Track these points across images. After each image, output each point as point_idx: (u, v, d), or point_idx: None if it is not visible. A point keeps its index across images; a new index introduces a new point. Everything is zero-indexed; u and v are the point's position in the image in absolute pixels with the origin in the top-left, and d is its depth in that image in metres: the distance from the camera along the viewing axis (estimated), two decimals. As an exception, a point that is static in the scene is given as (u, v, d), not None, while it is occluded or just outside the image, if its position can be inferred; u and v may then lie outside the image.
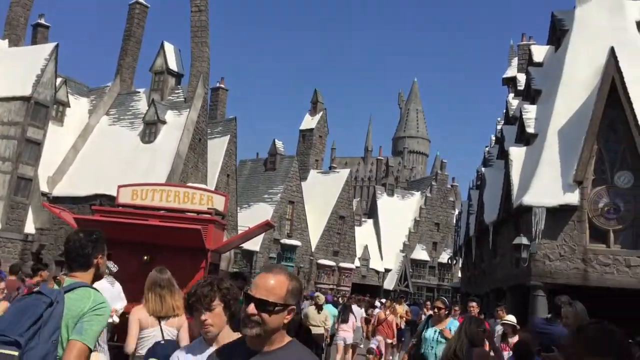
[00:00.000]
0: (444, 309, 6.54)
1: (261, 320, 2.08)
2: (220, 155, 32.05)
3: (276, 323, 2.11)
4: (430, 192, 52.35)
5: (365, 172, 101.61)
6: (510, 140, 17.91)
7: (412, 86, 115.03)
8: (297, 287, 2.17)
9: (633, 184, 13.59)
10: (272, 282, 2.13)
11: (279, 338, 2.15)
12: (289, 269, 32.19)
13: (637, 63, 15.19)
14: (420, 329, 6.72)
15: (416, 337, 6.73)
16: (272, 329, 2.11)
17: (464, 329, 5.25)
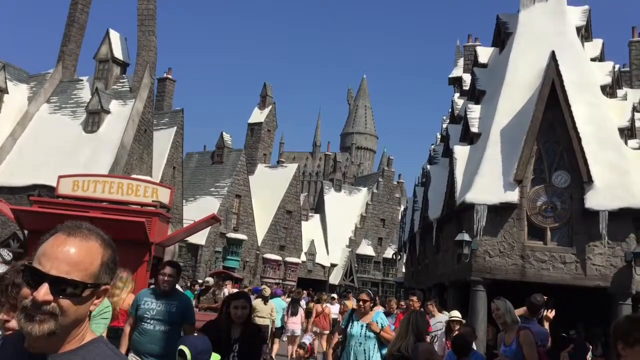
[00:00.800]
0: (368, 302, 6.17)
1: (59, 310, 1.37)
2: (167, 147, 31.50)
3: (80, 313, 1.43)
4: (377, 188, 52.99)
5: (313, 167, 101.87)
6: (455, 138, 18.30)
7: (361, 83, 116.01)
8: (112, 258, 1.51)
9: (569, 183, 14.11)
10: (76, 251, 1.42)
11: (78, 335, 1.46)
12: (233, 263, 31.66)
13: (576, 67, 15.78)
14: (344, 324, 6.28)
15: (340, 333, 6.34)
16: (73, 322, 1.42)
17: (412, 324, 5.16)
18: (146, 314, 5.05)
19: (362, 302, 6.18)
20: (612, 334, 2.62)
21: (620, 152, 14.50)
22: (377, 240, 51.55)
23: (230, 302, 4.71)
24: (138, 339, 5.05)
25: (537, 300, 5.76)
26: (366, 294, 6.26)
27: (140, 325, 5.07)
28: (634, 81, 24.69)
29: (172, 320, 5.06)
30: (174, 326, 5.08)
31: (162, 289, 5.14)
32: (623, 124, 15.59)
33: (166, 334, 5.00)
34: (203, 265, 34.84)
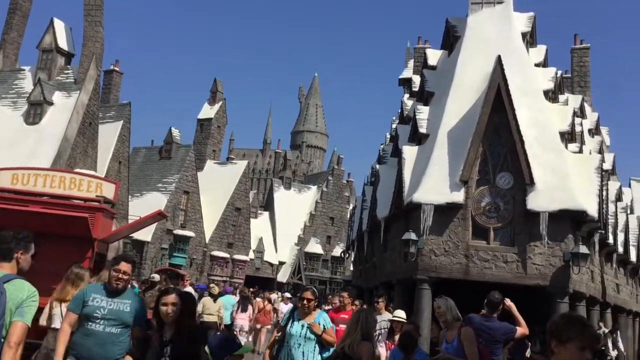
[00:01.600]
0: (313, 301, 5.74)
1: None
2: (112, 141, 30.75)
3: None
4: (327, 187, 53.22)
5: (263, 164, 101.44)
6: (404, 139, 18.56)
7: (313, 81, 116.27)
8: None
9: (512, 185, 14.53)
10: None
11: None
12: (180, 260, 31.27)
13: (521, 72, 16.26)
14: (284, 323, 5.88)
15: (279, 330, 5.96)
16: None
17: (362, 323, 5.00)
18: (96, 313, 4.53)
19: (306, 301, 5.72)
20: (548, 331, 2.71)
21: (561, 156, 15.02)
22: (326, 238, 51.78)
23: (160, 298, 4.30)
24: (82, 341, 4.51)
25: (495, 297, 5.90)
26: (311, 292, 5.82)
27: (85, 325, 4.53)
28: (575, 87, 25.62)
29: (125, 321, 4.59)
30: (126, 328, 4.60)
31: (115, 286, 4.65)
32: (564, 129, 16.15)
33: (117, 336, 4.54)
34: (149, 262, 34.21)
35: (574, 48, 27.08)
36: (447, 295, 5.94)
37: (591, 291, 15.35)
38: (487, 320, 5.73)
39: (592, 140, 20.46)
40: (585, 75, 26.50)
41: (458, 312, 5.78)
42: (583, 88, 25.83)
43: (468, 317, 5.76)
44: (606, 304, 17.61)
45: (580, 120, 19.09)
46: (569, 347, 2.57)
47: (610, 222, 17.13)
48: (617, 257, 18.62)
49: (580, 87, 25.74)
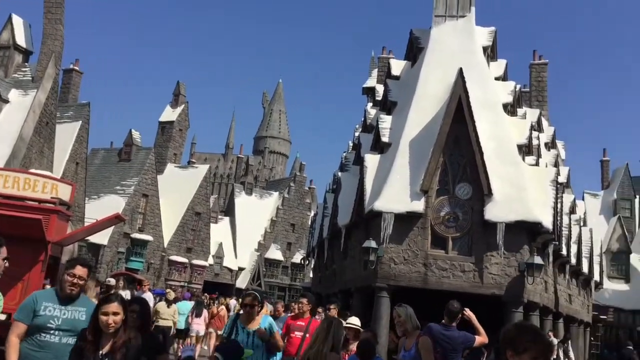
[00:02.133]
0: (257, 306, 5.49)
1: None
2: (70, 141, 30.05)
3: None
4: (288, 193, 53.14)
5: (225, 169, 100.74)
6: (366, 147, 18.68)
7: (277, 87, 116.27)
8: None
9: (471, 195, 14.77)
10: None
11: None
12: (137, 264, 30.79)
13: (482, 85, 16.58)
14: (227, 330, 5.58)
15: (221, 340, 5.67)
16: None
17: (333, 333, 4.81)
18: (49, 322, 4.06)
19: (249, 307, 5.41)
20: (501, 341, 2.74)
21: (518, 168, 15.35)
22: (287, 245, 51.65)
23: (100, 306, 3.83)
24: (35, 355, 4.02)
25: (454, 307, 5.98)
26: (252, 297, 5.52)
27: (37, 336, 4.04)
28: (532, 101, 26.28)
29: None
30: None
31: (68, 292, 4.18)
32: (522, 142, 16.52)
33: None
34: (104, 266, 33.50)
35: (533, 63, 27.82)
36: (406, 304, 5.98)
37: (545, 301, 15.69)
38: (446, 330, 5.80)
39: (548, 153, 20.99)
40: (542, 90, 27.23)
41: (417, 320, 5.83)
42: (541, 102, 26.53)
43: (428, 327, 5.81)
44: (559, 314, 18.04)
45: (538, 134, 19.59)
46: (525, 357, 2.60)
47: (564, 234, 17.58)
48: (570, 269, 19.11)
49: (538, 102, 26.43)
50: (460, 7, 18.65)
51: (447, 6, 18.67)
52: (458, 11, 18.64)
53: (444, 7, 18.72)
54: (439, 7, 18.76)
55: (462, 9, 18.64)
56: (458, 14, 18.62)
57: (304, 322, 7.17)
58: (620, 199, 37.14)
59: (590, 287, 23.17)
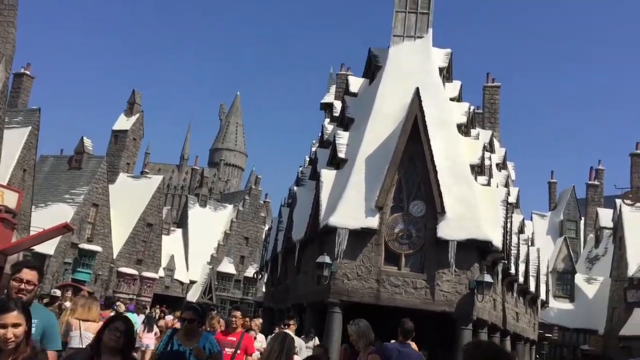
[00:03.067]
0: (196, 321, 5.01)
1: None
2: (18, 147, 29.09)
3: None
4: (243, 206, 52.72)
5: (179, 180, 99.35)
6: (322, 162, 18.74)
7: (235, 99, 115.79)
8: None
9: (425, 213, 14.97)
10: None
11: None
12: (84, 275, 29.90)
13: (437, 104, 16.89)
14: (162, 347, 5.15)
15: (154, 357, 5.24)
16: None
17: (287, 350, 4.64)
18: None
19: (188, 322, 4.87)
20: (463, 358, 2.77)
21: (470, 187, 15.66)
22: (240, 258, 51.14)
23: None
24: None
25: (409, 325, 6.07)
26: (193, 311, 4.96)
27: None
28: (485, 122, 26.94)
29: None
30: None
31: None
32: (474, 161, 16.88)
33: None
34: (50, 277, 32.41)
35: (486, 86, 28.57)
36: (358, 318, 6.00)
37: (493, 319, 15.98)
38: (402, 347, 5.91)
39: (499, 174, 21.51)
40: (495, 112, 27.97)
41: (372, 334, 5.78)
42: (493, 124, 27.22)
43: (383, 345, 5.88)
44: (506, 332, 18.39)
45: (490, 155, 20.05)
46: None
47: (512, 253, 17.98)
48: (518, 287, 19.53)
49: (490, 123, 27.11)
50: (418, 28, 19.02)
51: (405, 27, 19.01)
52: (416, 32, 19.00)
53: (402, 28, 19.05)
54: (398, 27, 19.09)
55: (419, 30, 19.00)
56: (416, 35, 18.98)
57: (236, 337, 6.58)
58: (566, 220, 38.33)
59: (537, 305, 23.73)
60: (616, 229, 28.92)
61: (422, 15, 19.12)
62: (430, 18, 19.09)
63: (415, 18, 19.08)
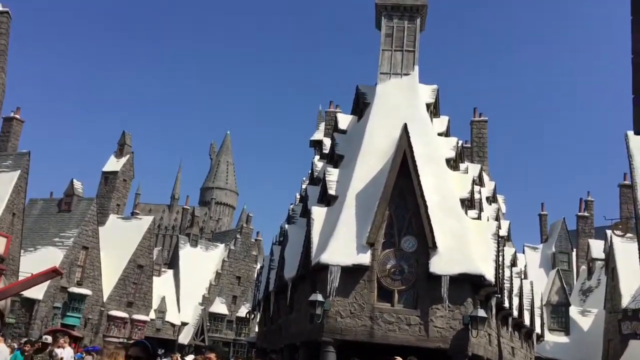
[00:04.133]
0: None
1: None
2: (7, 191, 28.90)
3: None
4: (234, 245, 52.38)
5: (170, 220, 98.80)
6: (313, 199, 18.77)
7: (225, 138, 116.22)
8: None
9: (416, 248, 14.95)
10: None
11: None
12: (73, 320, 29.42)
13: (426, 140, 17.05)
14: None
15: None
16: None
17: None
18: None
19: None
20: None
21: (461, 221, 15.70)
22: (232, 298, 50.55)
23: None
24: None
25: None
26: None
27: None
28: (474, 157, 27.17)
29: None
30: None
31: None
32: (464, 195, 16.96)
33: None
34: (38, 322, 31.84)
35: (473, 120, 28.93)
36: (353, 357, 5.94)
37: (489, 354, 15.81)
38: None
39: (490, 207, 21.59)
40: (483, 145, 28.25)
41: None
42: (481, 158, 27.46)
43: None
44: (503, 367, 18.17)
45: (479, 188, 20.17)
46: None
47: (506, 286, 17.92)
48: (512, 321, 19.40)
49: (479, 157, 27.35)
50: (404, 65, 19.33)
51: (391, 65, 19.32)
52: (402, 69, 19.30)
53: (388, 65, 19.36)
54: (384, 65, 19.39)
55: (406, 67, 19.31)
56: (402, 72, 19.28)
57: None
58: (558, 252, 38.31)
59: (532, 339, 23.54)
60: (608, 260, 28.93)
61: (407, 53, 19.46)
62: (416, 55, 19.43)
63: (401, 56, 19.41)
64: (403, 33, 19.56)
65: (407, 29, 19.60)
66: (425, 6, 19.64)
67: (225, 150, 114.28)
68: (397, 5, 19.64)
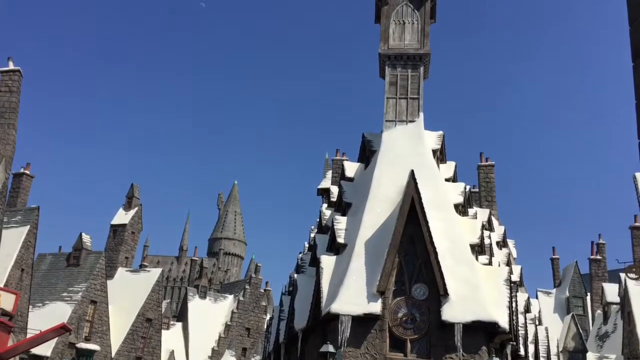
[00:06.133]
0: None
1: None
2: (16, 247, 28.93)
3: None
4: (244, 296, 51.89)
5: (178, 272, 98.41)
6: (322, 248, 18.67)
7: (233, 188, 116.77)
8: None
9: (428, 296, 14.77)
10: None
11: None
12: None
13: (433, 186, 17.07)
14: None
15: None
16: None
17: None
18: None
19: None
20: None
21: (472, 268, 15.54)
22: (242, 350, 49.72)
23: None
24: None
25: None
26: None
27: None
28: (482, 201, 27.10)
29: None
30: None
31: None
32: (474, 241, 16.84)
33: None
34: (46, 379, 31.36)
35: (480, 165, 28.99)
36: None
37: (506, 404, 15.39)
38: None
39: (500, 252, 21.39)
40: (491, 190, 28.22)
41: None
42: (490, 202, 27.38)
43: None
44: (521, 417, 17.65)
45: (489, 233, 20.04)
46: None
47: (520, 333, 17.58)
48: (529, 369, 18.95)
49: (487, 202, 27.27)
50: (409, 113, 19.52)
51: (397, 112, 19.52)
52: (407, 116, 19.48)
53: (394, 113, 19.55)
54: (389, 113, 19.59)
55: (411, 114, 19.49)
56: (407, 119, 19.44)
57: None
58: (572, 297, 37.70)
59: (551, 387, 22.92)
60: (623, 304, 28.42)
61: (412, 101, 19.67)
62: (421, 102, 19.63)
63: (406, 103, 19.63)
64: (407, 81, 19.83)
65: (410, 77, 19.87)
66: (428, 55, 19.96)
67: (233, 200, 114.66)
68: (400, 55, 19.98)
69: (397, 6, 20.43)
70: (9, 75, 26.95)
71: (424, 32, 20.08)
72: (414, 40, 20.00)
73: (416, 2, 20.44)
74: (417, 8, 20.36)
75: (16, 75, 27.13)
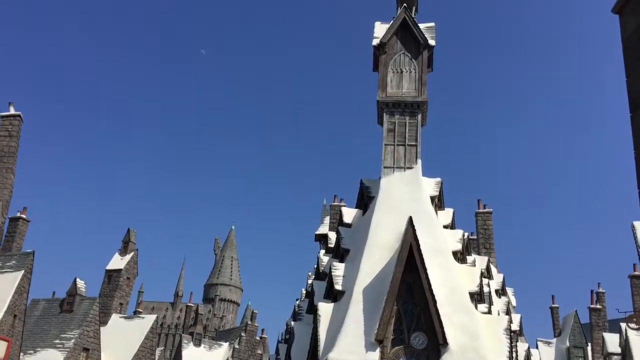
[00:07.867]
0: None
1: None
2: (9, 292, 28.47)
3: None
4: (239, 344, 50.98)
5: (173, 318, 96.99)
6: (319, 295, 18.46)
7: (230, 234, 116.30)
8: None
9: (426, 345, 14.52)
10: None
11: None
12: None
13: (431, 233, 17.00)
14: None
15: None
16: None
17: None
18: None
19: None
20: None
21: (471, 316, 15.33)
22: (236, 400, 48.56)
23: None
24: None
25: None
26: None
27: None
28: (480, 248, 26.98)
29: None
30: None
31: None
32: (473, 289, 16.67)
33: None
34: None
35: (478, 212, 28.98)
36: None
37: None
38: None
39: (499, 300, 21.16)
40: (489, 237, 28.12)
41: None
42: (488, 250, 27.26)
43: None
44: None
45: (488, 281, 19.87)
46: None
47: (522, 383, 17.24)
48: (531, 421, 18.50)
49: (485, 249, 27.15)
50: (407, 159, 19.62)
51: (394, 159, 19.62)
52: (405, 163, 19.57)
53: (392, 160, 19.65)
54: (387, 159, 19.69)
55: (408, 161, 19.59)
56: (405, 166, 19.53)
57: None
58: (572, 347, 37.09)
59: None
60: (624, 354, 27.96)
61: (410, 147, 19.80)
62: (419, 149, 19.75)
63: (404, 150, 19.75)
64: (405, 128, 20.00)
65: (408, 124, 20.06)
66: (425, 102, 20.21)
67: (230, 246, 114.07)
68: (398, 102, 20.22)
69: (395, 55, 20.80)
70: (10, 119, 27.19)
71: (422, 81, 20.38)
72: (411, 88, 20.28)
73: (413, 51, 20.83)
74: (415, 57, 20.73)
75: (17, 120, 27.36)
